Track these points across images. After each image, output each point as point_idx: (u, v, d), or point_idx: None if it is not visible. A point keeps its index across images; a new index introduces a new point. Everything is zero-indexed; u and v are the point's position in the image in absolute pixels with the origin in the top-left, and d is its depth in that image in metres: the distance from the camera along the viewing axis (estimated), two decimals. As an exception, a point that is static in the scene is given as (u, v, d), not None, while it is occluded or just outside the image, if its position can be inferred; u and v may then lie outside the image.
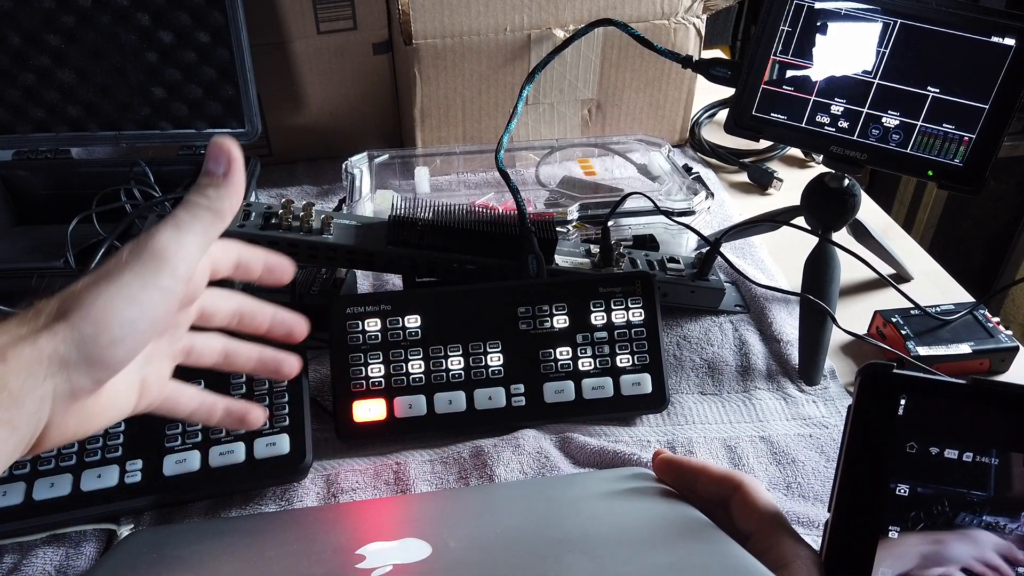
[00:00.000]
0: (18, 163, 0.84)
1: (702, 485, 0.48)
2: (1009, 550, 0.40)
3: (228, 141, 0.41)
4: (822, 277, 0.71)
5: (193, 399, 0.48)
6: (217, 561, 0.44)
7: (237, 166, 0.41)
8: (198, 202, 0.40)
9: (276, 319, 0.49)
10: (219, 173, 0.41)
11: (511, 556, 0.40)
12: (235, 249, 0.46)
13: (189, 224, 0.39)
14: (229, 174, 0.41)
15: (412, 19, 0.88)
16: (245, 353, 0.49)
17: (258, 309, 0.48)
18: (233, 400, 0.49)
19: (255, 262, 0.47)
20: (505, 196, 0.83)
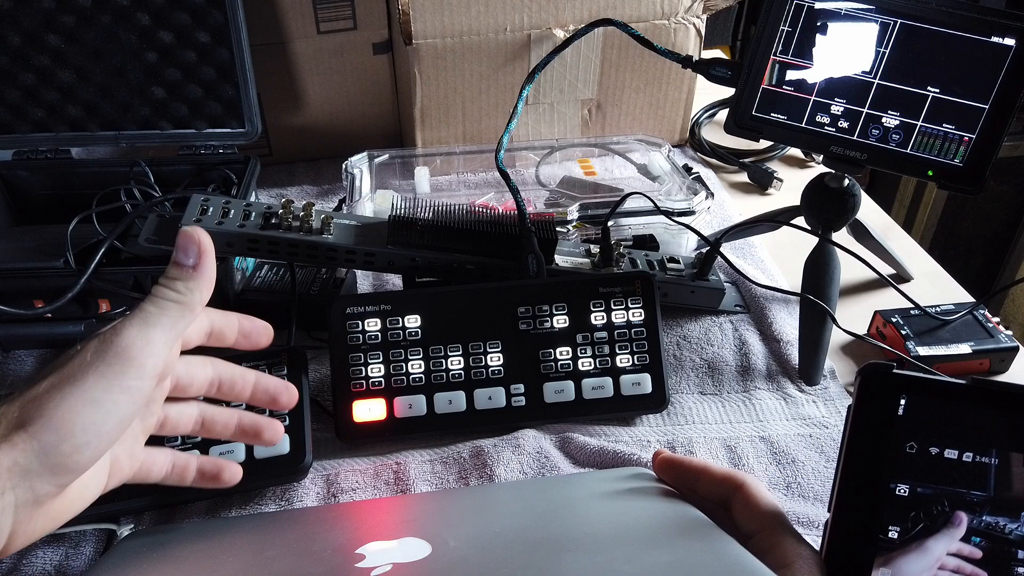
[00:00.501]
0: (18, 163, 0.84)
1: (703, 485, 0.48)
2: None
3: (197, 231, 0.40)
4: (822, 277, 0.71)
5: (165, 463, 0.47)
6: (217, 561, 0.44)
7: (207, 257, 0.41)
8: (166, 295, 0.39)
9: (259, 386, 0.48)
10: (188, 264, 0.40)
11: (511, 555, 0.40)
12: (206, 318, 0.45)
13: (157, 319, 0.38)
14: (199, 265, 0.40)
15: (412, 19, 0.88)
16: (223, 420, 0.48)
17: (238, 376, 0.47)
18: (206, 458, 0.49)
19: (228, 328, 0.46)
20: (505, 196, 0.83)
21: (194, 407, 0.47)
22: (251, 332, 0.47)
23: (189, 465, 0.48)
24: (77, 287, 0.67)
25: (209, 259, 0.41)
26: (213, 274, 0.41)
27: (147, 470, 0.46)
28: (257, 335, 0.47)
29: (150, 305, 0.39)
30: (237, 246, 0.66)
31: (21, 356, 0.72)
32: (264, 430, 0.49)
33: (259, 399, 0.48)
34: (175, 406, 0.46)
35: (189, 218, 0.65)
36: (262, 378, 0.48)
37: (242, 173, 0.81)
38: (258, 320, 0.48)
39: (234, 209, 0.67)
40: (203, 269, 0.41)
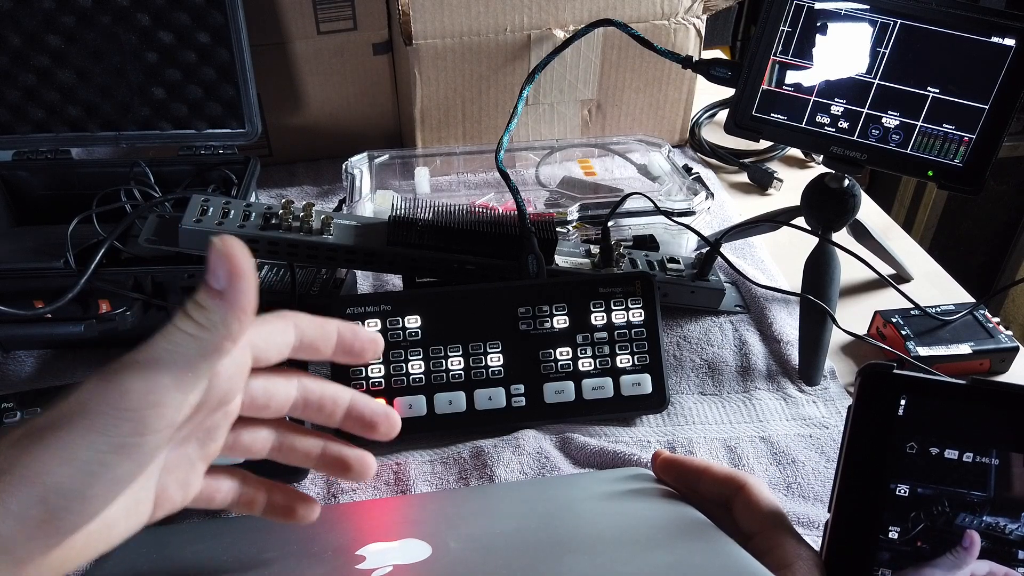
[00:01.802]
0: (18, 163, 0.84)
1: (705, 485, 0.48)
2: None
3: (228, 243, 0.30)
4: (822, 277, 0.71)
5: (230, 491, 0.39)
6: (217, 561, 0.43)
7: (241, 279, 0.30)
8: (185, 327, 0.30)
9: (354, 410, 0.39)
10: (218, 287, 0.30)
11: (511, 556, 0.40)
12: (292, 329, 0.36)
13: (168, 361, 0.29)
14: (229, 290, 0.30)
15: (412, 19, 0.88)
16: (304, 448, 0.39)
17: (328, 397, 0.39)
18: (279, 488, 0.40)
19: (323, 341, 0.37)
20: (505, 196, 0.83)
21: (270, 431, 0.39)
22: (353, 345, 0.38)
23: (258, 497, 0.40)
24: (77, 287, 0.67)
25: (244, 283, 0.30)
26: (250, 302, 0.30)
27: (208, 497, 0.38)
28: (362, 350, 0.38)
29: (162, 340, 0.30)
30: (237, 246, 0.66)
31: (21, 356, 0.72)
32: (353, 464, 0.40)
33: (352, 426, 0.39)
34: (248, 430, 0.38)
35: (189, 219, 0.65)
36: (358, 400, 0.39)
37: (242, 173, 0.81)
38: (363, 330, 0.38)
39: (234, 209, 0.67)
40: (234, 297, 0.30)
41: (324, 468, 0.40)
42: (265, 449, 0.39)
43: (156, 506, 0.35)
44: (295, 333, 0.36)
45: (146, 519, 0.35)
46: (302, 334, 0.36)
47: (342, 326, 0.38)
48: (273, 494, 0.40)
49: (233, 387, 0.34)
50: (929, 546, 0.40)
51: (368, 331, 0.39)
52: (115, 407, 0.29)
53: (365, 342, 0.38)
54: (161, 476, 0.35)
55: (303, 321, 0.36)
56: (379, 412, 0.39)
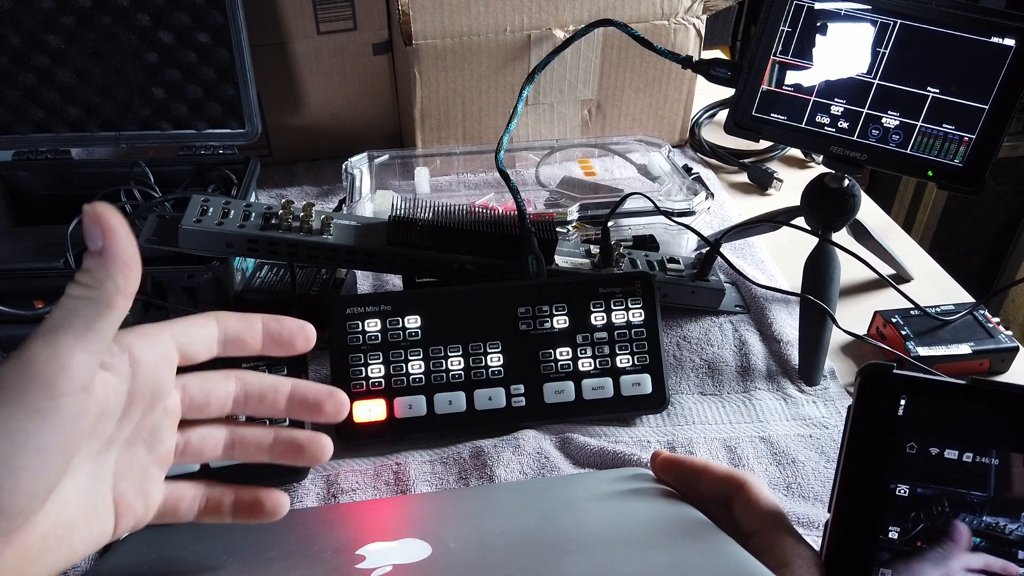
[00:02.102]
0: (18, 163, 0.84)
1: (704, 484, 0.48)
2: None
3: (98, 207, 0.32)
4: (822, 277, 0.71)
5: (196, 498, 0.40)
6: (217, 561, 0.43)
7: (114, 235, 0.31)
8: (74, 294, 0.31)
9: (296, 396, 0.40)
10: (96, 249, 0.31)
11: (511, 556, 0.40)
12: (215, 324, 0.38)
13: (65, 323, 0.31)
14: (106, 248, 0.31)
15: (412, 19, 0.88)
16: (255, 439, 0.41)
17: (268, 388, 0.40)
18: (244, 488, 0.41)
19: (250, 334, 0.38)
20: (505, 196, 0.83)
21: (220, 429, 0.40)
22: (281, 335, 0.39)
23: (225, 498, 0.41)
24: (77, 287, 0.67)
25: (117, 237, 0.31)
26: (129, 254, 0.32)
27: (173, 508, 0.39)
28: (291, 338, 0.39)
29: (58, 309, 0.31)
30: (237, 246, 0.66)
31: (21, 356, 0.72)
32: (306, 446, 0.41)
33: (297, 411, 0.40)
34: (195, 430, 0.39)
35: (189, 219, 0.65)
36: (299, 386, 0.40)
37: (242, 173, 0.81)
38: (289, 320, 0.39)
39: (234, 209, 0.67)
40: (112, 252, 0.31)
41: (280, 456, 0.41)
42: (218, 448, 0.40)
43: (118, 515, 0.36)
44: (218, 327, 0.38)
45: (109, 529, 0.36)
46: (226, 328, 0.38)
47: (266, 318, 0.39)
48: (239, 494, 0.41)
49: (161, 379, 0.35)
50: (929, 546, 0.40)
51: (295, 320, 0.39)
52: (22, 375, 0.30)
53: (292, 330, 0.39)
54: (117, 483, 0.36)
55: (226, 316, 0.38)
56: (322, 391, 0.40)
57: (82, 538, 0.35)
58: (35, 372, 0.30)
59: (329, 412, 0.40)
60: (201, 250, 0.66)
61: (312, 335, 0.40)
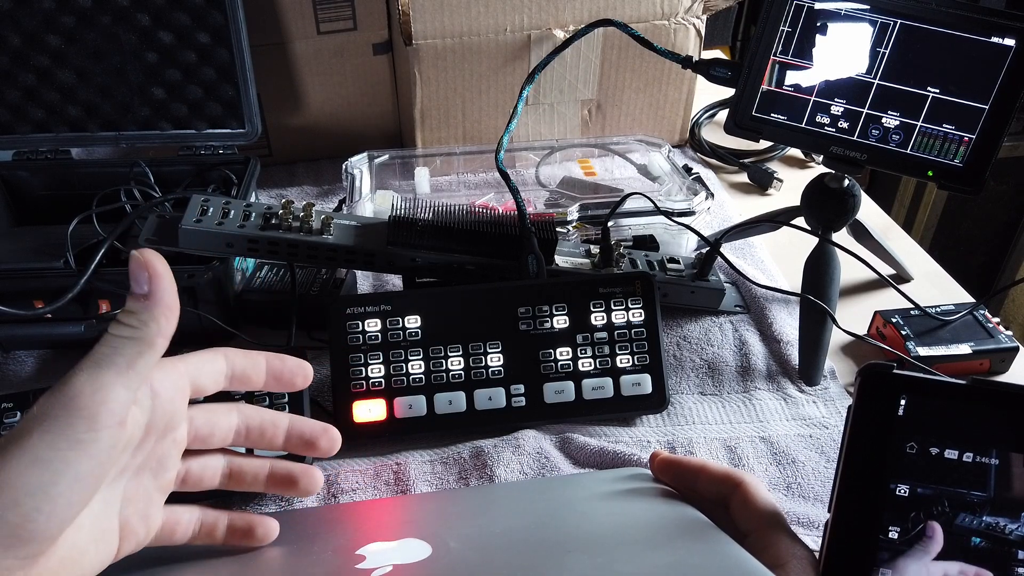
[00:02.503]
0: (18, 163, 0.84)
1: (702, 484, 0.48)
2: None
3: (146, 254, 0.35)
4: (822, 277, 0.71)
5: (191, 522, 0.42)
6: (217, 562, 0.43)
7: (160, 282, 0.35)
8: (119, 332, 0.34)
9: (293, 431, 0.43)
10: (142, 292, 0.35)
11: (511, 556, 0.40)
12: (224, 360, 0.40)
13: (109, 360, 0.33)
14: (152, 293, 0.35)
15: (412, 19, 0.88)
16: (252, 471, 0.43)
17: (268, 423, 0.42)
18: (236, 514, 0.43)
19: (254, 370, 0.41)
20: (505, 196, 0.83)
21: (219, 459, 0.42)
22: (283, 374, 0.42)
23: (218, 523, 0.43)
24: (77, 287, 0.67)
25: (163, 283, 0.35)
26: (172, 299, 0.35)
27: (170, 531, 0.41)
28: (291, 376, 0.42)
29: (102, 346, 0.34)
30: (237, 247, 0.66)
31: (21, 357, 0.72)
32: (300, 479, 0.44)
33: (294, 445, 0.43)
34: (197, 460, 0.41)
35: (189, 219, 0.65)
36: (296, 422, 0.43)
37: (242, 173, 0.81)
38: (290, 358, 0.42)
39: (234, 210, 0.67)
40: (157, 296, 0.35)
41: (274, 487, 0.44)
42: (216, 477, 0.42)
43: (121, 539, 0.38)
44: (226, 363, 0.40)
45: (114, 552, 0.37)
46: (233, 364, 0.40)
47: (270, 356, 0.42)
48: (232, 520, 0.43)
49: (176, 410, 0.38)
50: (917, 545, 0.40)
51: (295, 360, 0.42)
52: (67, 408, 0.32)
53: (293, 368, 0.42)
54: (123, 508, 0.37)
55: (233, 353, 0.41)
56: (317, 428, 0.43)
57: (91, 561, 0.36)
58: (80, 405, 0.32)
59: (323, 448, 0.44)
60: (201, 250, 0.66)
61: (310, 374, 0.43)
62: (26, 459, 0.31)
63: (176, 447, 0.39)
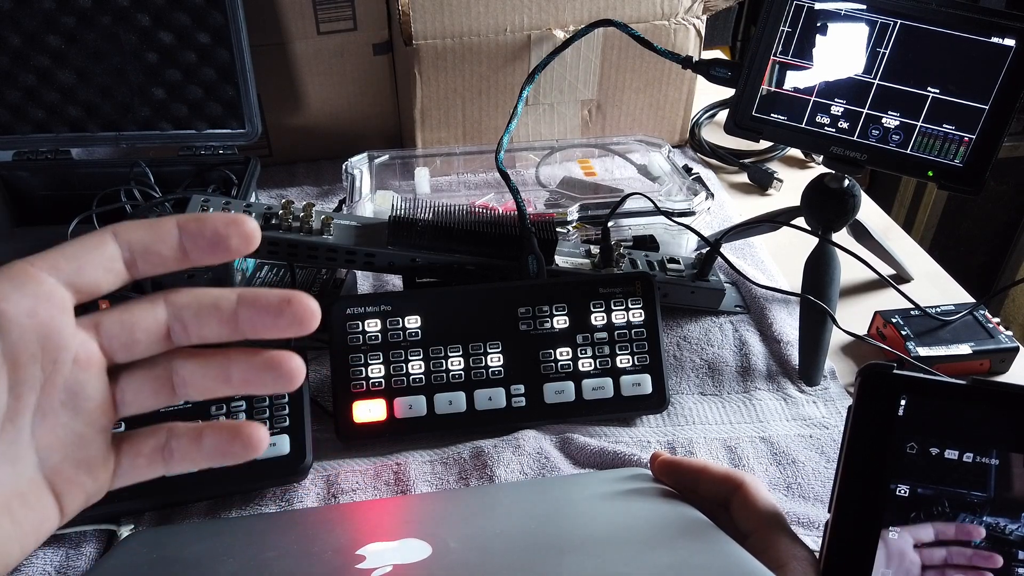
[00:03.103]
0: (18, 164, 0.84)
1: (703, 485, 0.48)
2: None
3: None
4: (822, 278, 0.71)
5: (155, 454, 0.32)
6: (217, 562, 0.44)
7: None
8: None
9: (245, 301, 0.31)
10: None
11: (511, 556, 0.40)
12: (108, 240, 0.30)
13: None
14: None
15: (412, 20, 0.88)
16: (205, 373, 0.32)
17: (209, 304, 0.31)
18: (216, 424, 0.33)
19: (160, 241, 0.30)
20: (505, 197, 0.83)
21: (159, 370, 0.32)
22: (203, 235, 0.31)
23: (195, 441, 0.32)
24: (77, 288, 0.67)
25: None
26: None
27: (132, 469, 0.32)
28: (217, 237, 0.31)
29: None
30: (237, 247, 0.66)
31: (21, 357, 0.72)
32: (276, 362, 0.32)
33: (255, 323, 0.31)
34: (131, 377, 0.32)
35: (189, 219, 0.65)
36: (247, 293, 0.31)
37: (242, 174, 0.81)
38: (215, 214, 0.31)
39: (234, 210, 0.67)
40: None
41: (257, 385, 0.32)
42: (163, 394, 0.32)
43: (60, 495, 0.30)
44: (115, 243, 0.30)
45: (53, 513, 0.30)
46: (129, 241, 0.30)
47: (182, 217, 0.31)
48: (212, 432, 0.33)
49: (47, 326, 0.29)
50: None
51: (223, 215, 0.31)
52: None
53: (219, 225, 0.30)
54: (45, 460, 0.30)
55: (125, 227, 0.30)
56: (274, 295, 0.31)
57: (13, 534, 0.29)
58: None
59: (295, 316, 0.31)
60: (201, 250, 0.66)
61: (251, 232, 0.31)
62: None
63: (87, 369, 0.30)
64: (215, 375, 0.32)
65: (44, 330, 0.29)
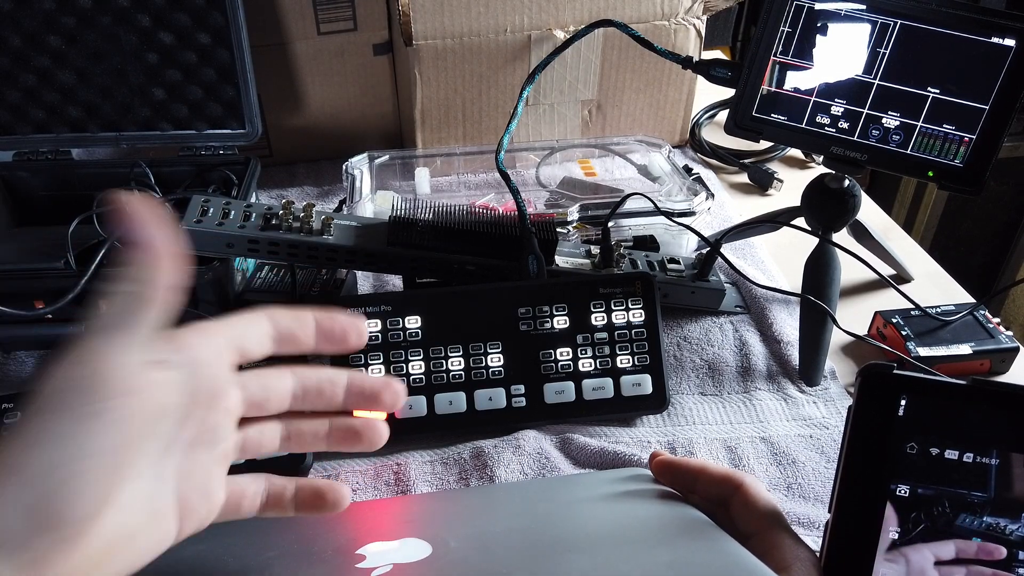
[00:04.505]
0: (18, 164, 0.84)
1: (702, 485, 0.48)
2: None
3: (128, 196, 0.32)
4: (822, 278, 0.71)
5: (257, 493, 0.39)
6: (217, 561, 0.43)
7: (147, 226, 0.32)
8: (117, 292, 0.32)
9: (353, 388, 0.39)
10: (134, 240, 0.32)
11: (511, 556, 0.40)
12: (267, 320, 0.37)
13: (112, 324, 0.31)
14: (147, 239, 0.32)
15: (412, 20, 0.88)
16: (311, 430, 0.40)
17: (326, 382, 0.39)
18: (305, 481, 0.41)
19: (301, 330, 0.38)
20: (505, 197, 0.83)
21: (276, 424, 0.40)
22: (334, 331, 0.38)
23: (286, 491, 0.40)
24: (78, 288, 0.67)
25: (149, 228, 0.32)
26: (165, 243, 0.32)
27: (235, 504, 0.39)
28: (343, 334, 0.38)
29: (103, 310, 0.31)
30: (237, 247, 0.66)
31: (21, 357, 0.73)
32: (362, 432, 0.40)
33: (355, 403, 0.40)
34: (255, 427, 0.39)
35: (190, 219, 0.66)
36: (355, 376, 0.40)
37: (242, 174, 0.81)
38: (340, 316, 0.38)
39: (234, 210, 0.67)
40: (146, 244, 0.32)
41: (337, 443, 0.40)
42: (275, 442, 0.40)
43: (181, 518, 0.35)
44: (270, 324, 0.37)
45: (173, 532, 0.35)
46: (278, 325, 0.37)
47: (318, 314, 0.38)
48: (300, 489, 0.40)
49: (220, 377, 0.35)
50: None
51: (347, 316, 0.39)
52: (76, 379, 0.30)
53: (345, 325, 0.38)
54: (179, 485, 0.35)
55: (277, 313, 0.37)
56: (378, 382, 0.40)
57: (145, 544, 0.34)
58: (84, 376, 0.30)
59: (387, 402, 0.40)
60: (202, 251, 0.66)
61: (365, 331, 0.39)
62: (45, 436, 0.30)
63: (228, 416, 0.37)
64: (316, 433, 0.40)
65: (216, 379, 0.35)
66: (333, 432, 0.41)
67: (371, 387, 0.40)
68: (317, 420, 0.41)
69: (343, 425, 0.41)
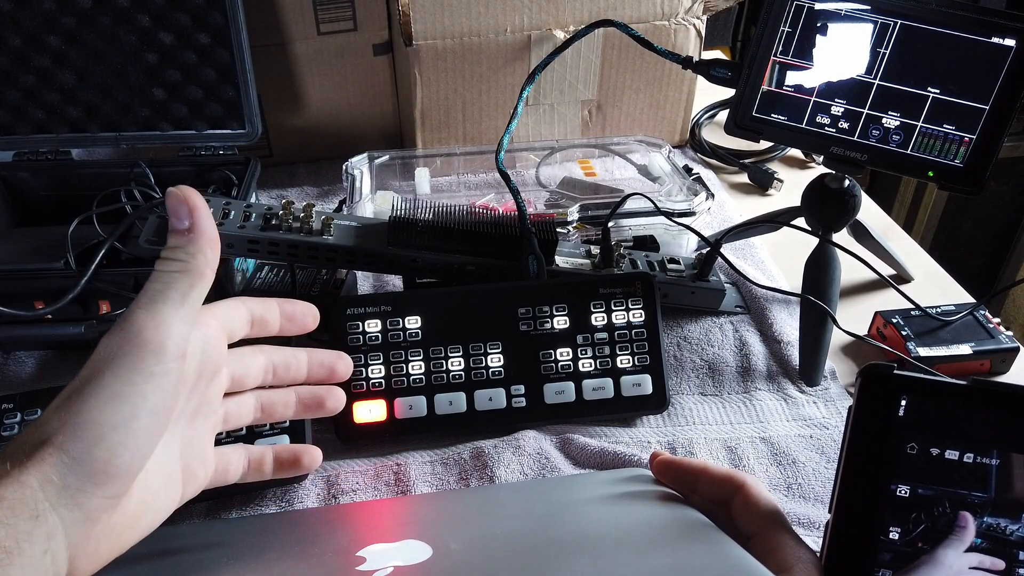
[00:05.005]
0: (18, 164, 0.84)
1: (703, 486, 0.48)
2: None
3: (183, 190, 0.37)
4: (822, 278, 0.71)
5: (240, 460, 0.45)
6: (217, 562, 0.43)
7: (200, 214, 0.37)
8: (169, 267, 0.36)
9: (314, 362, 0.47)
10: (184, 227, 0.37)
11: (512, 557, 0.40)
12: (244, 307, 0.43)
13: (164, 295, 0.35)
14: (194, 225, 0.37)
15: (412, 20, 0.88)
16: (282, 400, 0.47)
17: (291, 357, 0.46)
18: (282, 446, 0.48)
19: (269, 314, 0.44)
20: (505, 197, 0.83)
21: (250, 396, 0.46)
22: (295, 315, 0.45)
23: (265, 457, 0.46)
24: (78, 288, 0.67)
25: (204, 215, 0.37)
26: (214, 232, 0.38)
27: (223, 471, 0.44)
28: (303, 316, 0.46)
29: (154, 283, 0.35)
30: (237, 247, 0.66)
31: (21, 357, 0.72)
32: (326, 399, 0.47)
33: (316, 375, 0.47)
34: (233, 400, 0.44)
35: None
36: (314, 353, 0.47)
37: (242, 174, 0.81)
38: (298, 301, 0.46)
39: (234, 210, 0.67)
40: (200, 228, 0.37)
41: (305, 411, 0.47)
42: (251, 413, 0.45)
43: (184, 482, 0.40)
44: (247, 309, 0.43)
45: (179, 496, 0.40)
46: (252, 310, 0.43)
47: (280, 300, 0.45)
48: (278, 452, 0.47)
49: (220, 354, 0.41)
50: (930, 547, 0.40)
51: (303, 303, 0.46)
52: (134, 343, 0.34)
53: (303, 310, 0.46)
54: (183, 452, 0.39)
55: (250, 300, 0.44)
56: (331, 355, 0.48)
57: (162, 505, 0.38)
58: (146, 339, 0.34)
59: (341, 372, 0.48)
60: (201, 251, 0.66)
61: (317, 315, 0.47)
62: (104, 396, 0.33)
63: (219, 389, 0.42)
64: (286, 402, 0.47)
65: (217, 355, 0.40)
66: (300, 400, 0.47)
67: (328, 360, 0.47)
68: (285, 391, 0.47)
69: (308, 393, 0.47)
